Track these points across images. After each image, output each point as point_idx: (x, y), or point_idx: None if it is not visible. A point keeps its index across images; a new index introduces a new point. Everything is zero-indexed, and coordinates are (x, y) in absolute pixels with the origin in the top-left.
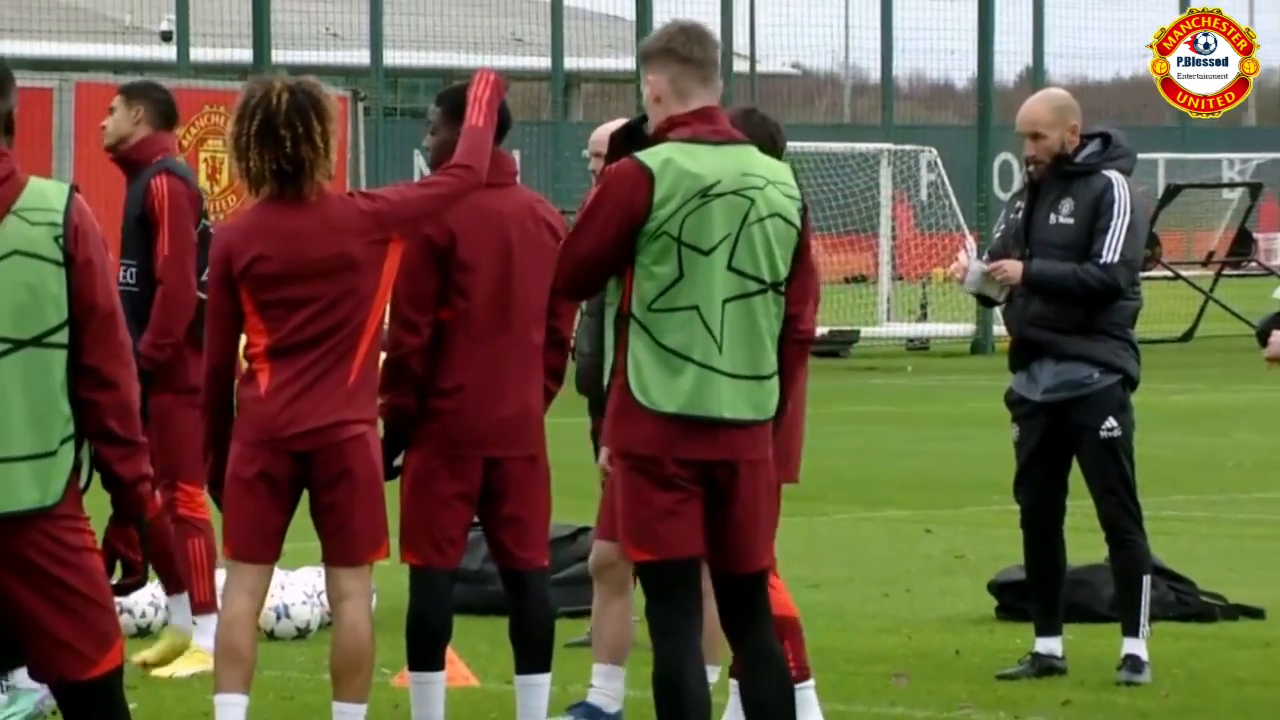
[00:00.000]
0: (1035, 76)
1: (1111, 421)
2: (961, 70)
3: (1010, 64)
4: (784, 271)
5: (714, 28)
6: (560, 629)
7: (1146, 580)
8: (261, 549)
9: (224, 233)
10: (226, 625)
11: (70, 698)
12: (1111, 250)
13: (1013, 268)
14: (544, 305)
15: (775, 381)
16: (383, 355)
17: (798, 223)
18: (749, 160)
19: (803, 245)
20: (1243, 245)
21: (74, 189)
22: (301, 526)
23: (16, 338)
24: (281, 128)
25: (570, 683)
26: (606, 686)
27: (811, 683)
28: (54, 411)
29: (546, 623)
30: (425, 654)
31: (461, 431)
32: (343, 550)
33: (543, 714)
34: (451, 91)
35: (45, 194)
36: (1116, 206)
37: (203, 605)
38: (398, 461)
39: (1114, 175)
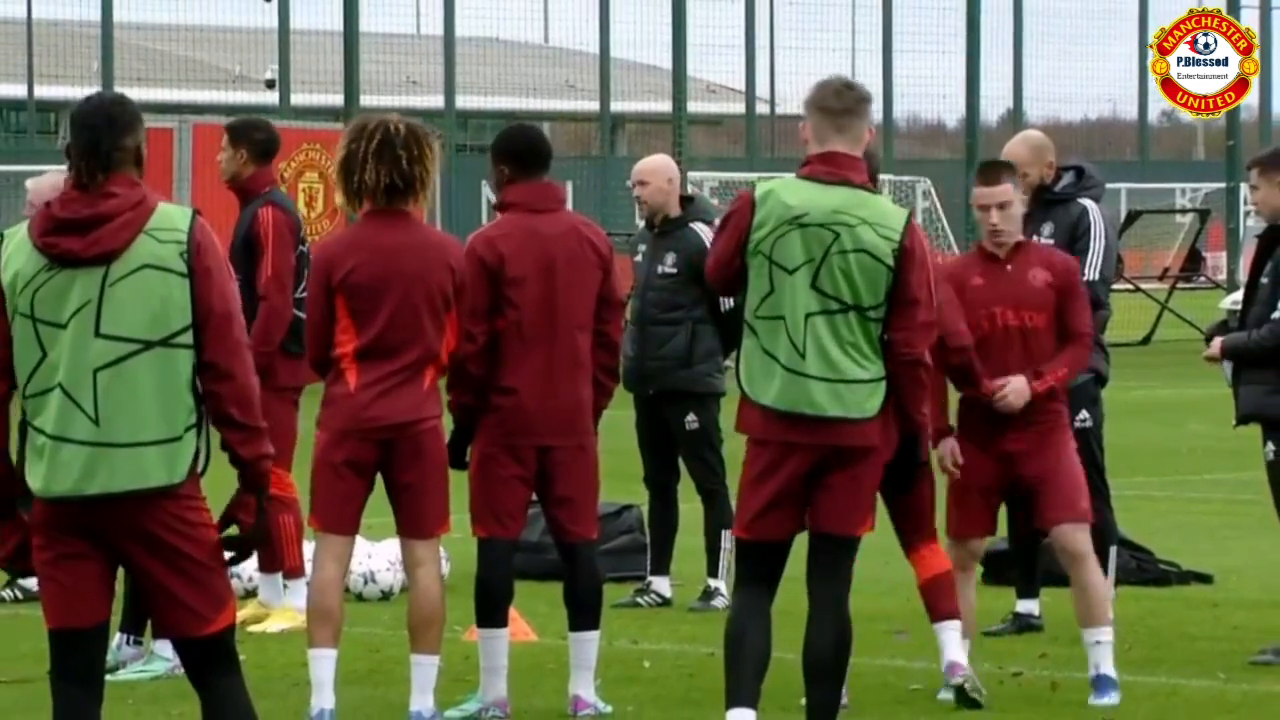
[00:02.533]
0: (1015, 117)
1: (1085, 413)
2: (952, 112)
3: (994, 107)
4: (870, 299)
5: (739, 76)
6: (607, 592)
7: (1113, 550)
8: (346, 522)
9: (325, 248)
10: (318, 589)
11: (191, 652)
12: (1091, 269)
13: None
14: (590, 311)
15: (873, 386)
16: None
17: (888, 261)
18: (849, 200)
19: (901, 282)
20: (1193, 263)
21: (196, 212)
22: (382, 503)
23: (147, 339)
24: (399, 148)
25: (616, 638)
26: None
27: (958, 623)
28: (179, 403)
29: (595, 587)
30: (490, 613)
31: (517, 423)
32: (417, 524)
33: (592, 663)
34: (498, 134)
35: (172, 216)
36: (1093, 231)
37: (293, 571)
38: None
39: (1089, 203)
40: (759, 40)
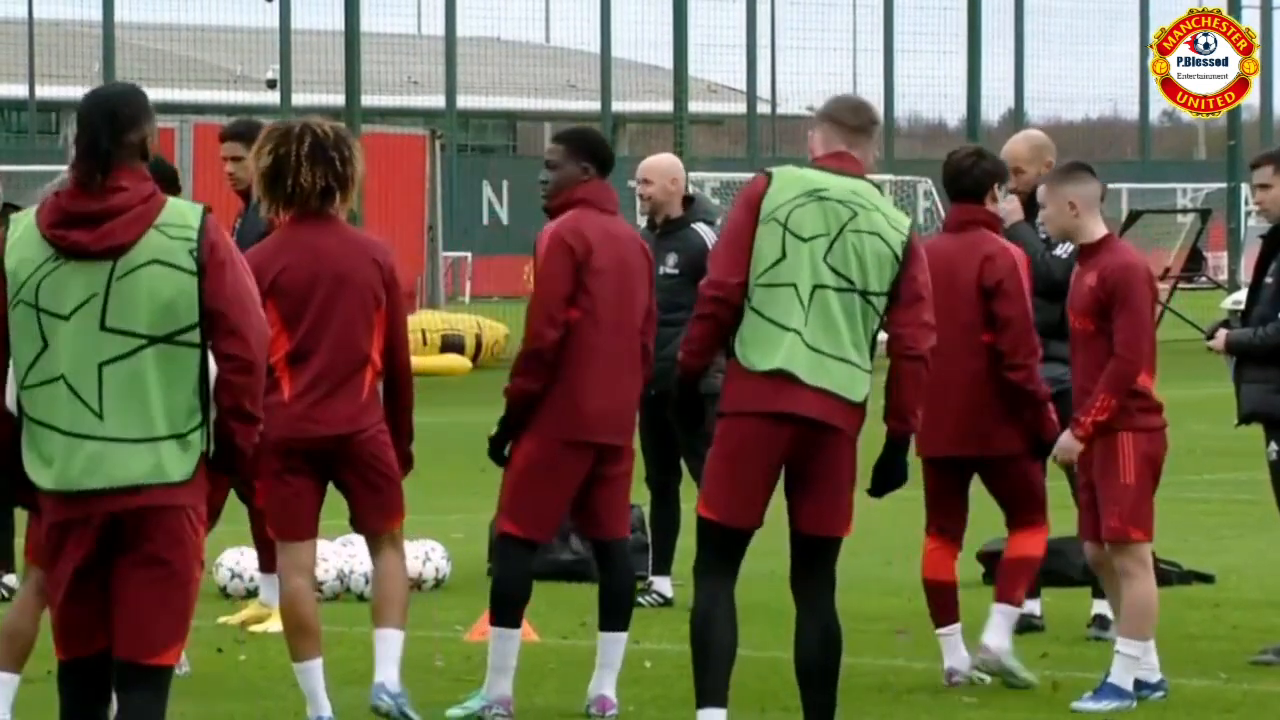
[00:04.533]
0: (1016, 117)
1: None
2: (953, 112)
3: (995, 107)
4: (876, 285)
5: (740, 76)
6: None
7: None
8: (303, 527)
9: (255, 254)
10: (290, 604)
11: (125, 674)
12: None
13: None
14: (644, 316)
15: (862, 374)
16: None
17: (898, 252)
18: (864, 189)
19: (906, 276)
20: (1194, 263)
21: (207, 209)
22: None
23: (152, 334)
24: (331, 149)
25: (639, 639)
26: (1146, 660)
27: (1016, 611)
28: (185, 401)
29: (631, 587)
30: (507, 612)
31: (581, 419)
32: (375, 521)
33: (619, 663)
34: (571, 131)
35: (183, 212)
36: None
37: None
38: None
39: None
40: (760, 40)
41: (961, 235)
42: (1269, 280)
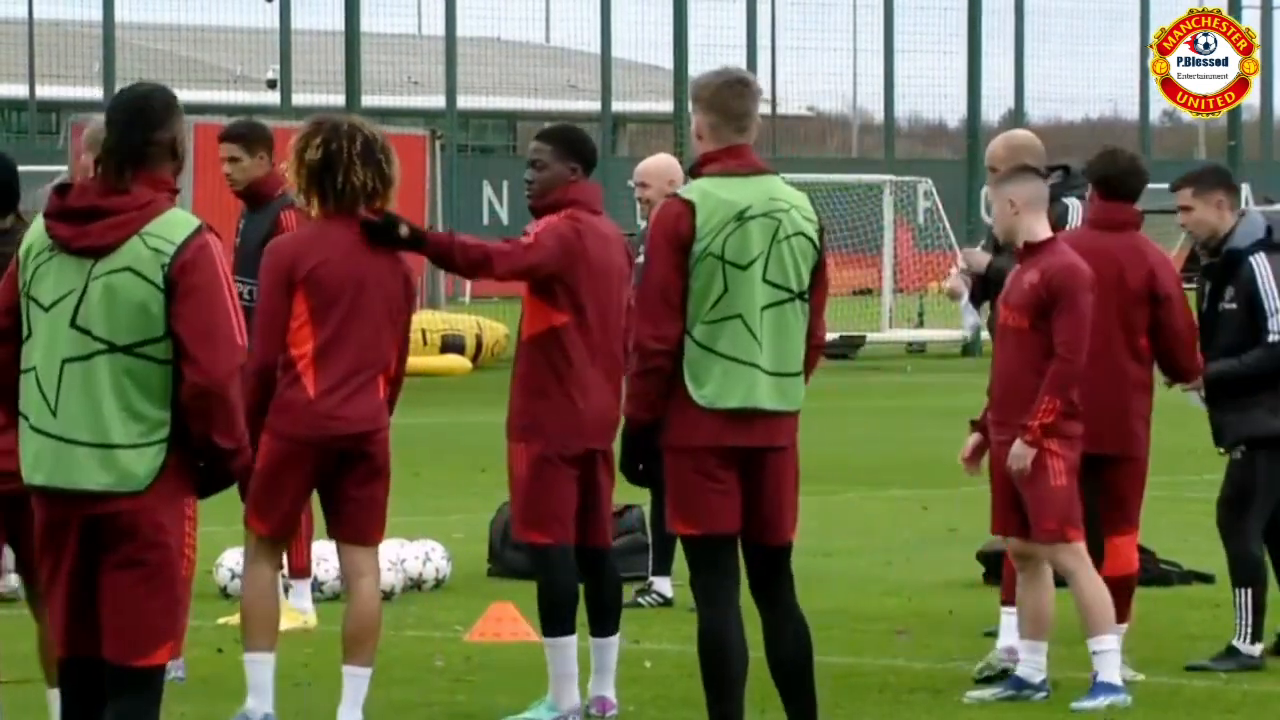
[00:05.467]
0: (1016, 117)
1: None
2: (953, 113)
3: (995, 107)
4: (806, 282)
5: None
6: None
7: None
8: (293, 529)
9: (284, 244)
10: (261, 593)
11: (115, 678)
12: None
13: (977, 260)
14: (626, 315)
15: (801, 378)
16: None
17: (816, 242)
18: (773, 187)
19: (820, 263)
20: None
21: (202, 227)
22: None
23: (112, 341)
24: (379, 151)
25: (639, 639)
26: (1033, 659)
27: (1124, 628)
28: (144, 412)
29: (619, 592)
30: (560, 620)
31: (574, 423)
32: (363, 533)
33: (614, 665)
34: (557, 130)
35: (173, 225)
36: (1070, 227)
37: (300, 571)
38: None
39: (1071, 201)
40: (760, 40)
41: (1121, 235)
42: (1229, 306)
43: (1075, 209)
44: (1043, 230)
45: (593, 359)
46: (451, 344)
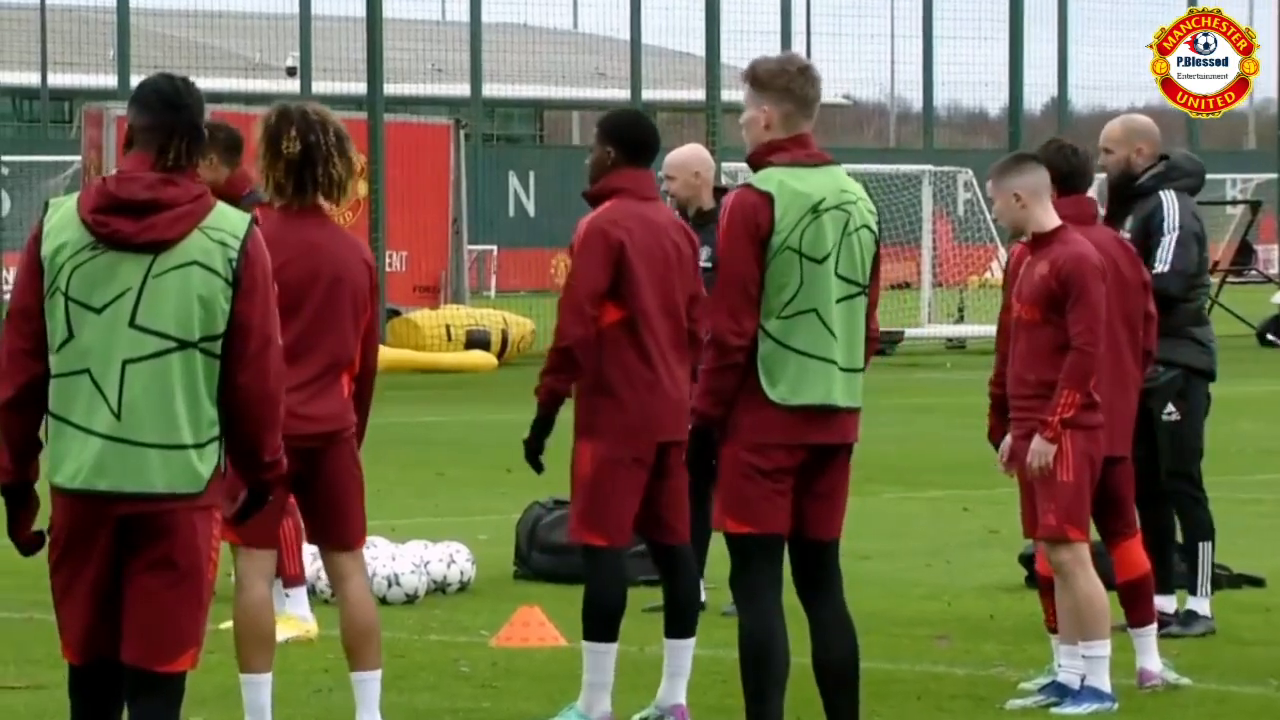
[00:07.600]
0: (1060, 106)
1: (1170, 407)
2: (994, 100)
3: (1037, 95)
4: (869, 275)
5: None
6: (637, 596)
7: (1175, 555)
8: (270, 535)
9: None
10: (254, 612)
11: (137, 683)
12: (1163, 261)
13: None
14: (690, 302)
15: (863, 374)
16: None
17: (877, 234)
18: (840, 179)
19: (878, 256)
20: (1244, 256)
21: (254, 220)
22: (407, 505)
23: (182, 338)
24: (347, 143)
25: (647, 644)
26: (1071, 665)
27: (1154, 627)
28: (204, 409)
29: (697, 591)
30: (606, 626)
31: (641, 419)
32: (343, 537)
33: (688, 668)
34: (608, 113)
35: (230, 219)
36: (1166, 223)
37: (293, 579)
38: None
39: (1165, 194)
40: (795, 26)
41: (1094, 229)
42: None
43: (1171, 202)
44: (1050, 220)
45: (658, 349)
46: (477, 340)
